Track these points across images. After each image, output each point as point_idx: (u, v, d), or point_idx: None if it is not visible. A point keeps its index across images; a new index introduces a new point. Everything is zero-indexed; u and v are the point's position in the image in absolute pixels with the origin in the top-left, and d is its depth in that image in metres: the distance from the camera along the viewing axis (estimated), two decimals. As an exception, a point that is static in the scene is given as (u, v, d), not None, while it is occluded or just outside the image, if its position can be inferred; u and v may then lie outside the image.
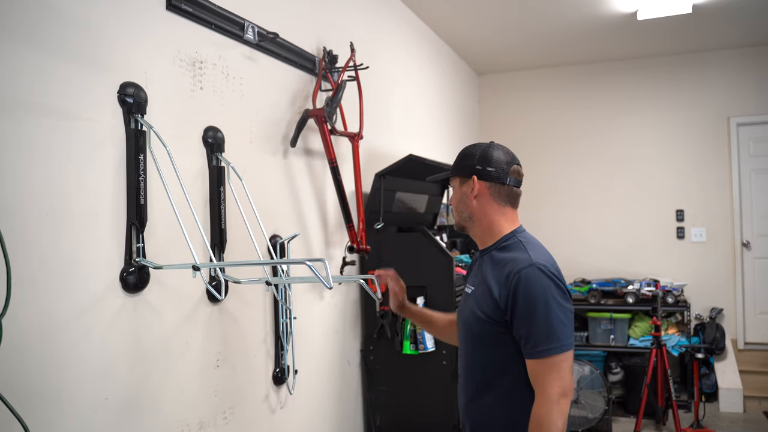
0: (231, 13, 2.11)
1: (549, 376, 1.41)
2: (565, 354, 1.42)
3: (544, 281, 1.44)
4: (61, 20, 1.48)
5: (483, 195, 1.58)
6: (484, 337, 1.53)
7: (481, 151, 1.61)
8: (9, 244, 1.27)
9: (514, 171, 1.60)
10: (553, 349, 1.41)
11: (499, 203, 1.59)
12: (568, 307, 1.47)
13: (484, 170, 1.58)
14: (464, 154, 1.64)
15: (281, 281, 1.86)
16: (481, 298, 1.54)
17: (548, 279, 1.45)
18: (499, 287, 1.48)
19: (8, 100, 1.35)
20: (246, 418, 2.17)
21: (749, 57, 5.29)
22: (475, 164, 1.59)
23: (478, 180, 1.58)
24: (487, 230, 1.60)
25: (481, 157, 1.59)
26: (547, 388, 1.40)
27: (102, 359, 1.56)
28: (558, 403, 1.39)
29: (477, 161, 1.59)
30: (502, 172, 1.58)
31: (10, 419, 1.27)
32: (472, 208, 1.60)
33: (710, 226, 5.38)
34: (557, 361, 1.41)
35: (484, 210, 1.59)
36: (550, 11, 4.30)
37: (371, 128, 3.21)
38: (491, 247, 1.60)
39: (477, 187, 1.58)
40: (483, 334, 1.53)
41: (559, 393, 1.40)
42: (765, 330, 5.27)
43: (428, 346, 2.85)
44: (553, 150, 5.82)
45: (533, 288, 1.43)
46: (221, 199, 2.01)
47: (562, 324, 1.43)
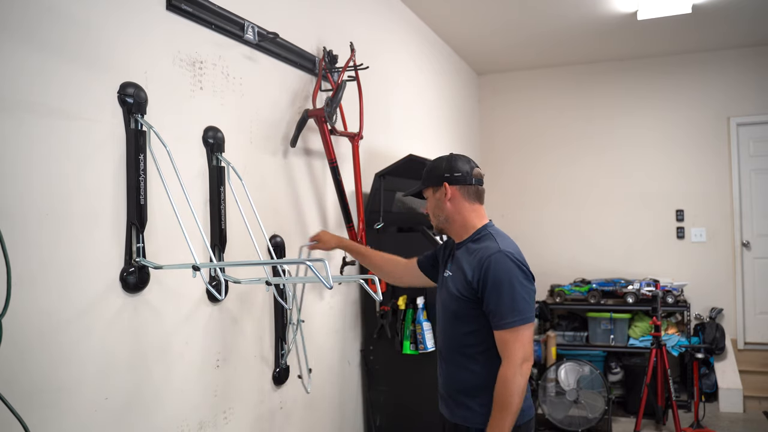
0: (231, 13, 2.11)
1: (513, 344, 1.68)
2: (526, 325, 1.70)
3: (509, 265, 1.72)
4: (61, 20, 1.48)
5: (455, 197, 1.86)
6: (459, 312, 1.80)
7: (445, 162, 1.89)
8: (9, 244, 1.27)
9: (476, 173, 1.89)
10: (516, 321, 1.68)
11: (469, 201, 1.87)
12: (530, 287, 1.74)
13: (452, 176, 1.86)
14: (431, 167, 1.91)
15: (281, 281, 1.86)
16: (457, 280, 1.82)
17: (512, 263, 1.72)
18: (472, 270, 1.76)
19: (8, 100, 1.35)
20: (246, 418, 2.17)
21: (749, 57, 5.29)
22: (443, 173, 1.87)
23: (449, 185, 1.86)
24: (462, 227, 1.88)
25: (447, 166, 1.87)
26: (511, 354, 1.68)
27: (102, 359, 1.57)
28: (521, 366, 1.67)
29: (444, 170, 1.87)
30: (467, 174, 1.86)
31: (10, 419, 1.27)
32: (447, 210, 1.87)
33: (710, 226, 5.38)
34: (520, 332, 1.69)
35: (458, 209, 1.87)
36: (550, 11, 4.30)
37: (371, 128, 3.21)
38: (467, 240, 1.87)
39: (449, 191, 1.86)
40: (459, 310, 1.81)
41: (522, 358, 1.68)
42: (765, 330, 5.27)
43: (428, 346, 2.85)
44: (553, 150, 5.82)
45: (500, 270, 1.71)
46: (221, 199, 2.01)
47: (524, 300, 1.71)
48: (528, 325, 1.70)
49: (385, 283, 2.98)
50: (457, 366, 1.83)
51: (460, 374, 1.82)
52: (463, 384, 1.82)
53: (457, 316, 1.81)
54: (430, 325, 2.89)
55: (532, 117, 5.91)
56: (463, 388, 1.82)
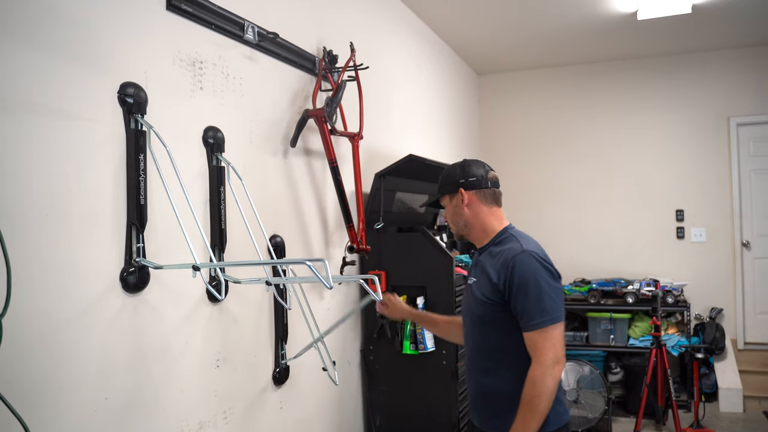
0: (231, 13, 2.11)
1: (543, 345, 1.63)
2: (556, 325, 1.64)
3: (534, 264, 1.68)
4: (61, 20, 1.49)
5: (472, 202, 1.84)
6: (487, 317, 1.76)
7: (459, 168, 1.87)
8: (9, 244, 1.27)
9: (491, 176, 1.87)
10: (545, 321, 1.64)
11: (487, 205, 1.85)
12: (556, 286, 1.70)
13: (467, 181, 1.84)
14: (445, 175, 1.90)
15: (281, 281, 1.86)
16: (482, 284, 1.78)
17: (537, 263, 1.69)
18: (497, 272, 1.72)
19: (8, 100, 1.36)
20: (246, 418, 2.17)
21: (749, 57, 5.29)
22: (458, 179, 1.85)
23: (465, 191, 1.84)
24: (482, 231, 1.85)
25: (461, 172, 1.86)
26: (541, 355, 1.63)
27: (102, 359, 1.57)
28: (552, 368, 1.61)
29: (459, 176, 1.86)
30: (482, 178, 1.85)
31: (10, 419, 1.27)
32: (465, 216, 1.85)
33: (710, 226, 5.38)
34: (549, 332, 1.64)
35: (476, 214, 1.84)
36: (550, 11, 4.30)
37: (371, 128, 3.21)
38: (488, 244, 1.84)
39: (466, 197, 1.84)
40: (485, 314, 1.76)
41: (553, 359, 1.62)
42: (765, 330, 5.27)
43: (428, 346, 2.85)
44: (553, 150, 5.82)
45: (525, 270, 1.67)
46: (221, 199, 2.01)
47: (552, 300, 1.66)
48: (557, 325, 1.64)
49: (386, 283, 2.98)
50: (485, 373, 1.78)
51: (490, 381, 1.76)
52: (494, 391, 1.76)
53: (483, 321, 1.77)
54: (430, 325, 2.89)
55: (532, 117, 5.91)
56: (493, 395, 1.76)
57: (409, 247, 2.97)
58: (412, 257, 2.95)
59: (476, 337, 1.81)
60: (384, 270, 2.97)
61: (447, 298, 2.90)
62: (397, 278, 2.97)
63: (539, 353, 1.63)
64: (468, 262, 3.45)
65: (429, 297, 2.92)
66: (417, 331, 2.87)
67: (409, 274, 2.96)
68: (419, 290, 2.94)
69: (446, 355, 2.88)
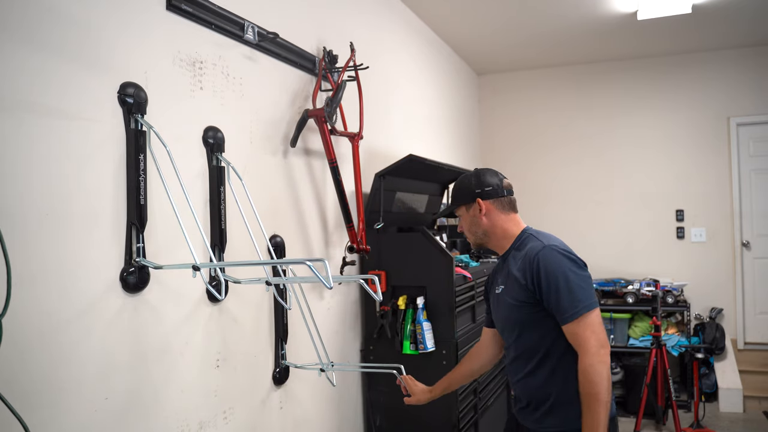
0: (231, 13, 2.11)
1: (584, 333, 1.65)
2: (591, 312, 1.66)
3: (558, 257, 1.71)
4: (61, 20, 1.48)
5: (490, 211, 1.88)
6: (523, 320, 1.78)
7: (474, 178, 1.91)
8: (9, 244, 1.27)
9: (506, 184, 1.91)
10: (580, 310, 1.65)
11: (504, 213, 1.88)
12: (583, 274, 1.71)
13: (484, 191, 1.88)
14: (459, 186, 1.93)
15: (281, 281, 1.85)
16: (511, 289, 1.80)
17: (560, 255, 1.71)
18: (524, 273, 1.74)
19: (8, 100, 1.35)
20: (246, 418, 2.17)
21: (749, 57, 5.29)
22: (474, 189, 1.89)
23: (483, 201, 1.87)
24: (503, 238, 1.89)
25: (477, 182, 1.89)
26: (585, 343, 1.64)
27: (102, 359, 1.56)
28: (598, 353, 1.62)
29: (474, 186, 1.89)
30: (497, 187, 1.89)
31: (10, 419, 1.27)
32: (484, 225, 1.89)
33: (710, 226, 5.38)
34: (586, 319, 1.65)
35: (494, 222, 1.88)
36: (550, 11, 4.30)
37: (371, 128, 3.21)
38: (510, 249, 1.87)
39: (484, 206, 1.87)
40: (522, 318, 1.78)
41: (597, 345, 1.63)
42: (765, 330, 5.27)
43: (428, 346, 2.85)
44: (553, 150, 5.82)
45: (550, 264, 1.70)
46: (221, 199, 2.01)
47: (581, 288, 1.67)
48: (593, 311, 1.66)
49: (386, 283, 2.98)
50: (531, 375, 1.79)
51: (537, 382, 1.78)
52: (543, 391, 1.77)
53: (521, 324, 1.78)
54: (430, 325, 2.89)
55: (532, 117, 5.91)
56: (543, 395, 1.77)
57: (409, 247, 2.97)
58: (412, 257, 2.95)
59: (516, 343, 1.83)
60: (384, 270, 2.97)
61: (447, 298, 2.90)
62: (397, 278, 2.97)
63: (582, 343, 1.64)
64: (468, 262, 3.44)
65: (429, 297, 2.92)
66: (417, 331, 2.87)
67: (409, 274, 2.96)
68: (419, 290, 2.94)
69: (446, 355, 2.88)
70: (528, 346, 1.79)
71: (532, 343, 1.78)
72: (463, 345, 2.98)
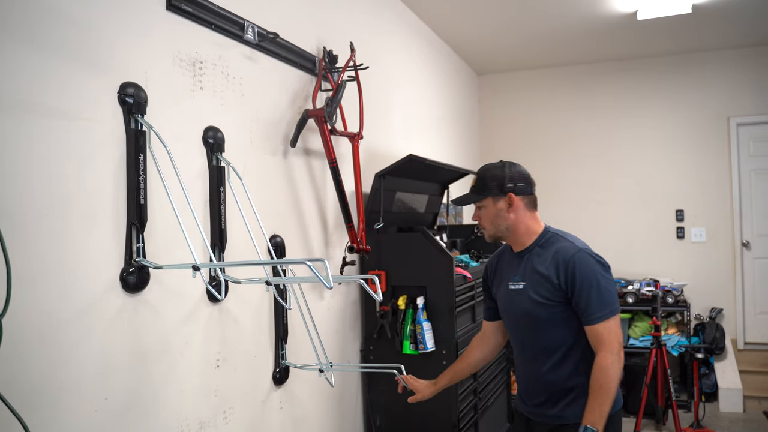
0: (231, 13, 2.11)
1: (608, 335, 1.75)
2: (616, 316, 1.77)
3: (591, 261, 1.78)
4: (61, 20, 1.48)
5: (518, 207, 1.88)
6: (550, 317, 1.82)
7: (507, 170, 1.89)
8: (9, 244, 1.27)
9: (533, 182, 1.93)
10: (607, 313, 1.75)
11: (529, 210, 1.90)
12: (610, 278, 1.81)
13: (516, 186, 1.87)
14: (491, 176, 1.89)
15: (281, 281, 1.85)
16: (537, 286, 1.83)
17: (593, 260, 1.79)
18: (557, 273, 1.79)
19: (8, 100, 1.35)
20: (246, 418, 2.17)
21: (749, 57, 5.29)
22: (507, 183, 1.87)
23: (515, 196, 1.87)
24: (525, 234, 1.89)
25: (510, 175, 1.88)
26: (608, 344, 1.74)
27: (102, 359, 1.57)
28: (618, 354, 1.74)
29: (508, 180, 1.87)
30: (528, 184, 1.90)
31: (10, 419, 1.27)
32: (509, 220, 1.88)
33: (710, 226, 5.38)
34: (611, 322, 1.76)
35: (520, 219, 1.88)
36: (550, 11, 4.30)
37: (371, 128, 3.21)
38: (531, 245, 1.89)
39: (515, 202, 1.87)
40: (548, 315, 1.82)
41: (618, 347, 1.75)
42: (765, 330, 5.27)
43: (428, 346, 2.85)
44: (553, 150, 5.82)
45: (585, 268, 1.77)
46: (221, 199, 2.01)
47: (610, 293, 1.78)
48: (617, 315, 1.78)
49: (386, 283, 2.98)
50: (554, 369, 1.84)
51: (559, 376, 1.84)
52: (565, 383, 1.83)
53: (548, 321, 1.83)
54: (430, 325, 2.89)
55: (532, 117, 5.91)
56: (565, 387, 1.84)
57: (409, 247, 2.97)
58: (412, 257, 2.95)
59: (536, 338, 1.86)
60: (384, 270, 2.97)
61: (447, 298, 2.90)
62: (397, 278, 2.97)
63: (606, 343, 1.74)
64: (468, 262, 3.44)
65: (429, 297, 2.92)
66: (417, 331, 2.87)
67: (409, 274, 2.96)
68: (419, 290, 2.94)
69: (446, 355, 2.88)
70: (550, 342, 1.84)
71: (556, 339, 1.83)
72: (463, 345, 2.97)
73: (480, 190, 1.90)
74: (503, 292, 1.96)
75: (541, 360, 1.87)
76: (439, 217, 4.00)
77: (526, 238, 1.89)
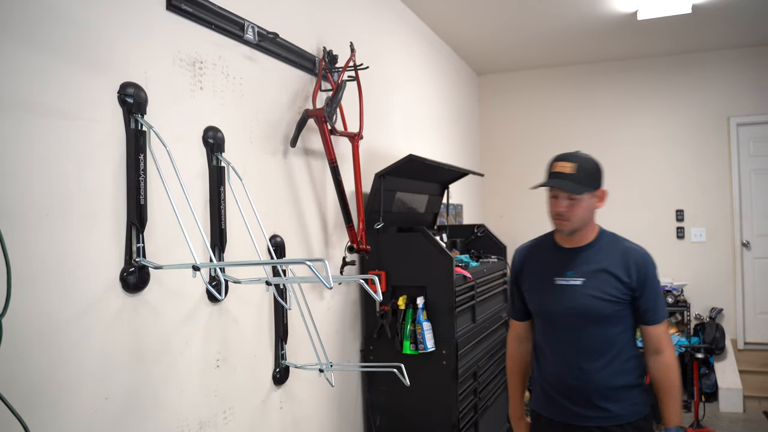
0: (231, 13, 2.11)
1: (666, 335, 1.88)
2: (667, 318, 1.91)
3: (654, 263, 1.88)
4: (61, 20, 1.48)
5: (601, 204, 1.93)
6: (611, 315, 1.85)
7: (600, 165, 1.93)
8: (9, 244, 1.27)
9: None
10: (664, 315, 1.89)
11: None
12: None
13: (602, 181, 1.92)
14: (593, 170, 1.91)
15: (281, 281, 1.85)
16: (605, 285, 1.84)
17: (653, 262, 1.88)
18: (629, 272, 1.83)
19: (8, 100, 1.35)
20: (246, 418, 2.17)
21: (749, 57, 5.29)
22: (600, 178, 1.92)
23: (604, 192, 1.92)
24: (591, 230, 1.93)
25: (601, 170, 1.93)
26: (668, 344, 1.88)
27: (102, 359, 1.57)
28: (674, 352, 1.89)
29: (601, 175, 1.93)
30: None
31: (10, 419, 1.27)
32: (593, 215, 1.91)
33: (710, 226, 5.38)
34: (666, 324, 1.90)
35: (594, 215, 1.93)
36: (550, 11, 4.30)
37: (371, 128, 3.21)
38: (593, 242, 1.91)
39: (605, 197, 1.92)
40: (611, 313, 1.85)
41: (672, 345, 1.90)
42: (765, 330, 5.27)
43: (428, 346, 2.85)
44: (553, 150, 5.74)
45: (653, 271, 1.86)
46: (221, 199, 2.01)
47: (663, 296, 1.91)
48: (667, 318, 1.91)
49: (386, 283, 2.98)
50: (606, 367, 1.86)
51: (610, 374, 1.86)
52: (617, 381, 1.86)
53: (607, 318, 1.85)
54: (430, 325, 2.89)
55: (532, 117, 5.91)
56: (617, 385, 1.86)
57: (409, 247, 2.97)
58: (412, 257, 2.95)
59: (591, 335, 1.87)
60: (384, 270, 2.97)
61: (447, 298, 2.90)
62: (397, 278, 2.97)
63: (666, 343, 1.87)
64: (468, 262, 3.44)
65: (429, 297, 2.92)
66: (417, 331, 2.87)
67: (409, 274, 2.96)
68: (419, 290, 2.94)
69: (446, 355, 2.88)
70: (606, 340, 1.87)
71: (612, 337, 1.87)
72: (463, 345, 2.98)
73: (586, 183, 1.85)
74: (546, 287, 1.92)
75: (592, 358, 1.86)
76: (439, 217, 4.00)
77: (590, 234, 1.91)
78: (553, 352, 1.94)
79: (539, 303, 1.97)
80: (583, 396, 1.87)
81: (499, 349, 3.64)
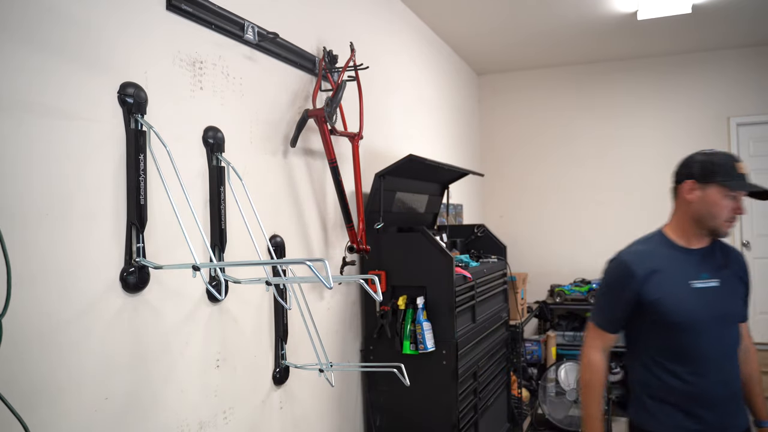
0: (231, 13, 2.11)
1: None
2: None
3: None
4: (61, 20, 1.49)
5: None
6: (744, 316, 1.95)
7: None
8: (9, 244, 1.27)
9: None
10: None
11: None
12: None
13: None
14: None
15: (281, 281, 1.85)
16: (737, 285, 1.90)
17: None
18: (745, 273, 1.93)
19: (8, 100, 1.35)
20: (246, 418, 2.17)
21: (749, 57, 5.29)
22: None
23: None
24: None
25: None
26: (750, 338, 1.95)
27: (102, 359, 1.57)
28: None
29: None
30: None
31: (10, 419, 1.27)
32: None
33: (710, 226, 5.37)
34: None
35: None
36: (550, 11, 4.30)
37: (371, 128, 3.21)
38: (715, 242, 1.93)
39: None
40: (744, 314, 1.95)
41: None
42: (765, 330, 5.27)
43: (428, 346, 2.85)
44: (553, 150, 5.82)
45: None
46: (221, 199, 2.01)
47: None
48: None
49: (386, 283, 2.98)
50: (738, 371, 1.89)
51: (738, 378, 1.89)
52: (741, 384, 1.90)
53: (741, 320, 1.93)
54: (430, 325, 2.89)
55: (532, 117, 5.91)
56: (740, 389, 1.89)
57: (409, 247, 2.97)
58: (412, 257, 2.95)
59: (734, 339, 1.88)
60: (384, 270, 2.97)
61: (447, 298, 2.90)
62: (397, 278, 2.97)
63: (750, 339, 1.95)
64: (468, 262, 3.44)
65: (429, 297, 2.92)
66: (417, 331, 2.87)
67: (409, 274, 2.96)
68: (419, 290, 2.94)
69: (446, 355, 2.88)
70: (737, 341, 1.89)
71: (738, 338, 1.89)
72: (463, 345, 2.98)
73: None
74: (682, 292, 1.80)
75: (735, 363, 1.86)
76: (439, 217, 4.00)
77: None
78: (698, 362, 1.80)
79: (677, 311, 1.79)
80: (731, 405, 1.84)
81: (499, 349, 3.64)
